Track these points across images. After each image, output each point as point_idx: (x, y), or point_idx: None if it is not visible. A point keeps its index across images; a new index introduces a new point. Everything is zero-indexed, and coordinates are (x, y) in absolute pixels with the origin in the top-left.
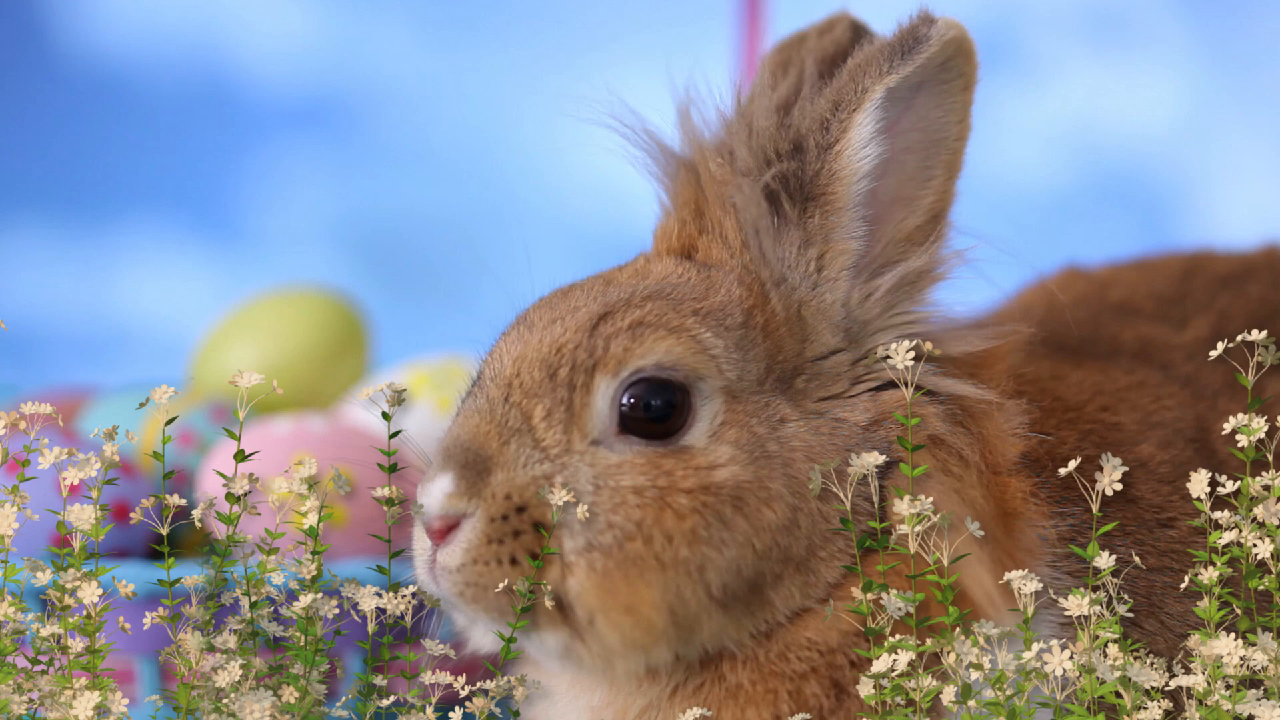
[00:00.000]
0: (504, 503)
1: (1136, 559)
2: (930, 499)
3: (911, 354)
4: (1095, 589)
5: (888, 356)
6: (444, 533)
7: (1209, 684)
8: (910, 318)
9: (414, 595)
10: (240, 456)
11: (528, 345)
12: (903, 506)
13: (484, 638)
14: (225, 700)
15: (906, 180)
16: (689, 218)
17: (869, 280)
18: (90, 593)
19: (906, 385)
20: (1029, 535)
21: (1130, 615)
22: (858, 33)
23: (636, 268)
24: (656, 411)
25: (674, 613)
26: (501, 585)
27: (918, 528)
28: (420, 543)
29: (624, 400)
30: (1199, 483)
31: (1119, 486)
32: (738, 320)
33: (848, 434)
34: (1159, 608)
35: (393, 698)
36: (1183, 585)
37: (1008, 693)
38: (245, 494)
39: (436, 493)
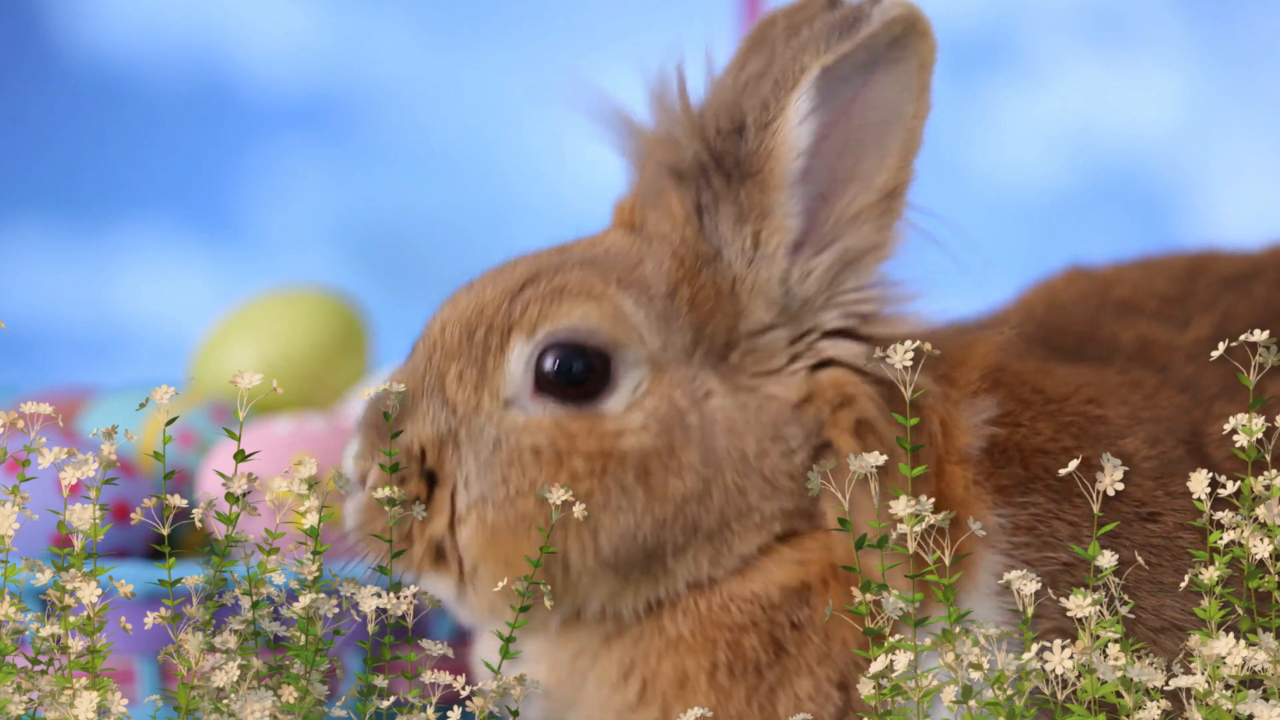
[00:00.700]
0: (400, 454)
1: (1140, 560)
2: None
3: (911, 355)
4: (1083, 585)
5: (833, 332)
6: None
7: (1209, 684)
8: (854, 296)
9: (415, 596)
10: (240, 456)
11: (456, 307)
12: (899, 506)
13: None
14: (226, 701)
15: (861, 158)
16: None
17: (812, 258)
18: (90, 593)
19: (905, 385)
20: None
21: (1104, 611)
22: (833, 8)
23: (594, 239)
24: (573, 376)
25: (553, 571)
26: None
27: (918, 527)
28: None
29: (540, 362)
30: (1199, 482)
31: (1120, 486)
32: (662, 291)
33: (775, 411)
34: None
35: (393, 698)
36: (1182, 585)
37: (1008, 693)
38: (245, 494)
39: (348, 455)
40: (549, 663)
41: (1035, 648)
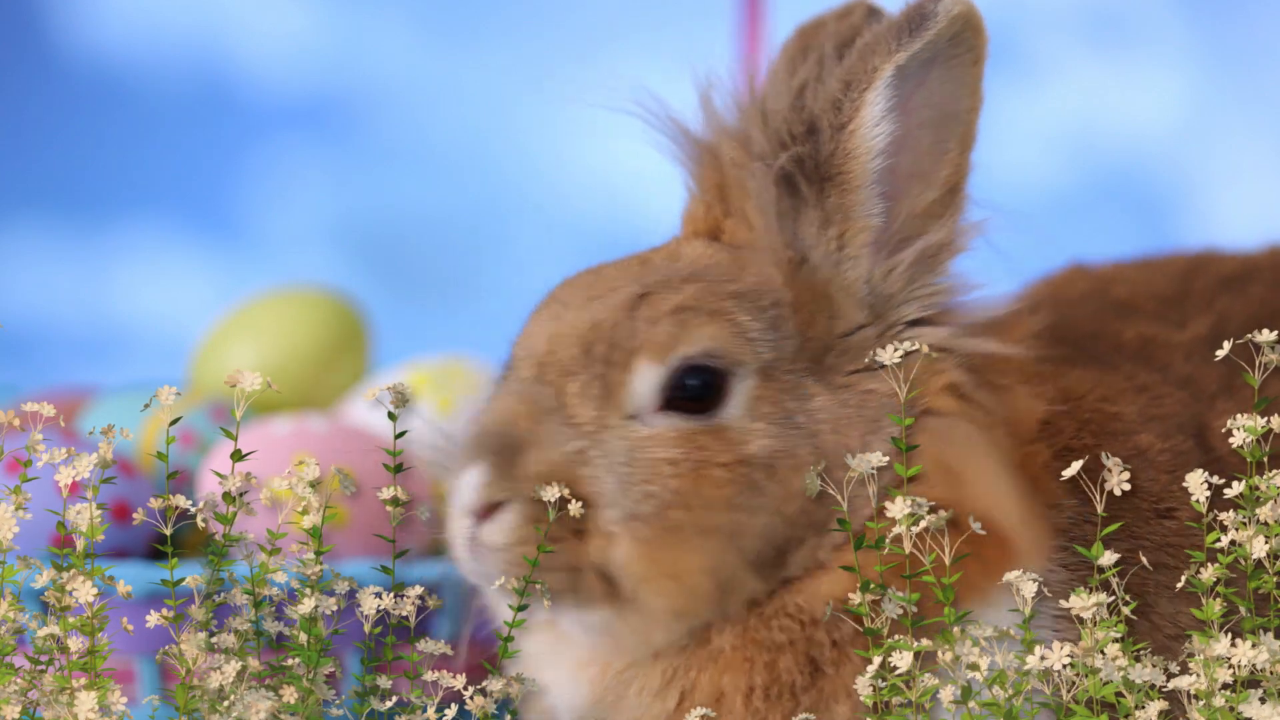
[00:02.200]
0: (535, 482)
1: (1144, 560)
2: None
3: (900, 354)
4: (1094, 587)
5: (914, 322)
6: (486, 513)
7: (1210, 684)
8: (932, 290)
9: (419, 597)
10: (237, 456)
11: (563, 323)
12: (896, 508)
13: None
14: (227, 702)
15: (922, 155)
16: (714, 200)
17: (890, 255)
18: (86, 592)
19: (900, 384)
20: (1048, 513)
21: (1104, 610)
22: (875, 17)
23: (669, 250)
24: (696, 391)
25: (716, 577)
26: (538, 564)
27: (914, 527)
28: (457, 523)
29: (669, 383)
30: (1198, 481)
31: (1127, 486)
32: (770, 300)
33: (876, 405)
34: (1150, 607)
35: (394, 699)
36: (1179, 584)
37: (1010, 693)
38: (242, 494)
39: (472, 484)
40: (599, 667)
41: (1038, 650)
